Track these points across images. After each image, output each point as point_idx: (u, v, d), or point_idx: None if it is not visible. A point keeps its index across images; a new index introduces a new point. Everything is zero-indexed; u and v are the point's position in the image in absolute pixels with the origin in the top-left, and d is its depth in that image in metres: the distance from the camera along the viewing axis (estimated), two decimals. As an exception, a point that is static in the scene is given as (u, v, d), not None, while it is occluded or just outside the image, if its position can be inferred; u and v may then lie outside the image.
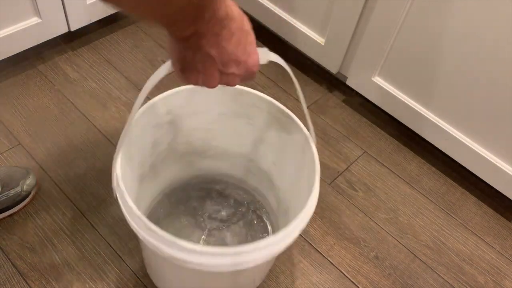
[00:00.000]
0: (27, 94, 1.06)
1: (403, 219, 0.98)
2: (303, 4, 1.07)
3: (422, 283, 0.90)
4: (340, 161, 1.06)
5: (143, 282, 0.82)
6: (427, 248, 0.95)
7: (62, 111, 1.04)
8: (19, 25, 0.98)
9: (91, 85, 1.10)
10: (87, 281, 0.81)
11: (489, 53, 0.83)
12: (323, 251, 0.91)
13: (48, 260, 0.83)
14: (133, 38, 1.22)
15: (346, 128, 1.12)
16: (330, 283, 0.87)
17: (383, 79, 1.03)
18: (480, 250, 0.96)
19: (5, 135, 0.98)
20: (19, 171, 0.87)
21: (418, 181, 1.05)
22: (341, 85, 1.17)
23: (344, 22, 1.01)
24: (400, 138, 1.12)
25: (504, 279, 0.92)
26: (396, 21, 0.91)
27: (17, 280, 0.80)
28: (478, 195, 1.05)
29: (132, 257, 0.85)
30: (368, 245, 0.93)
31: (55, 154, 0.97)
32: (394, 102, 1.03)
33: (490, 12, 0.79)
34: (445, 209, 1.01)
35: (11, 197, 0.85)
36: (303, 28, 1.11)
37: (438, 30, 0.87)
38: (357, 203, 0.99)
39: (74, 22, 1.08)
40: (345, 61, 1.09)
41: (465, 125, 0.95)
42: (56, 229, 0.87)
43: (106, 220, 0.89)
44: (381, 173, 1.05)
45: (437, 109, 0.98)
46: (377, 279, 0.89)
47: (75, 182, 0.93)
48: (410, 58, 0.95)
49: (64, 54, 1.15)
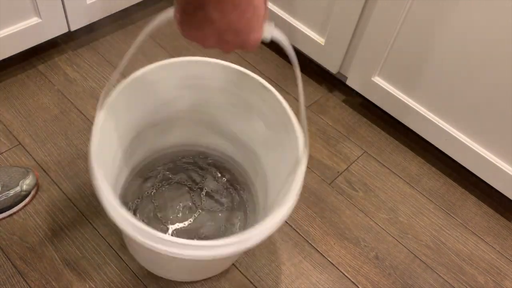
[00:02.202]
0: (27, 94, 1.06)
1: (403, 219, 0.98)
2: (303, 4, 1.07)
3: (422, 283, 0.90)
4: (340, 161, 1.06)
5: (143, 282, 0.82)
6: (427, 248, 0.95)
7: (62, 111, 1.04)
8: (19, 25, 0.98)
9: (91, 85, 1.10)
10: (87, 281, 0.81)
11: (489, 53, 0.83)
12: (323, 251, 0.91)
13: (48, 260, 0.83)
14: (133, 38, 1.21)
15: (346, 128, 1.12)
16: (330, 283, 0.87)
17: (383, 79, 1.03)
18: (480, 250, 0.96)
19: (5, 135, 0.98)
20: (19, 171, 0.87)
21: (418, 181, 1.05)
22: (341, 85, 1.17)
23: (344, 22, 1.01)
24: (400, 138, 1.12)
25: (504, 279, 0.92)
26: (396, 21, 0.91)
27: (17, 280, 0.80)
28: (478, 195, 1.05)
29: (132, 257, 0.85)
30: (368, 245, 0.93)
31: (55, 154, 0.97)
32: (394, 102, 1.03)
33: (491, 12, 0.79)
34: (445, 209, 1.01)
35: (11, 197, 0.85)
36: (303, 28, 1.11)
37: (438, 30, 0.87)
38: (357, 203, 0.99)
39: (74, 22, 1.08)
40: (345, 61, 1.09)
41: (465, 125, 0.95)
42: (56, 229, 0.87)
43: (106, 220, 0.89)
44: (381, 173, 1.05)
45: (437, 109, 0.98)
46: (377, 279, 0.89)
47: (75, 182, 0.93)
48: (410, 58, 0.95)
49: (64, 54, 1.15)
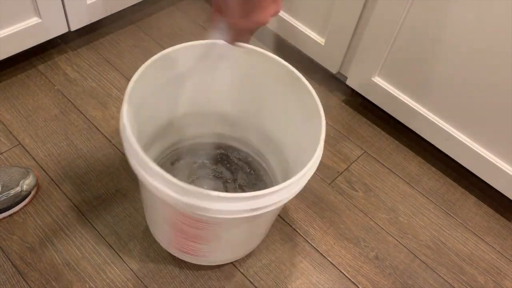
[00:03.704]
0: (27, 94, 1.06)
1: (403, 219, 0.98)
2: (303, 4, 1.07)
3: (422, 283, 0.90)
4: (340, 161, 1.06)
5: (143, 282, 0.82)
6: (427, 248, 0.95)
7: (62, 111, 1.04)
8: (19, 25, 0.98)
9: (91, 85, 1.10)
10: (87, 281, 0.81)
11: (489, 53, 0.83)
12: (323, 251, 0.91)
13: (48, 260, 0.83)
14: (133, 38, 1.22)
15: (346, 128, 1.12)
16: (330, 283, 0.87)
17: (383, 79, 1.03)
18: (480, 250, 0.96)
19: (5, 135, 0.98)
20: (19, 171, 0.87)
21: (418, 181, 1.05)
22: (341, 85, 1.17)
23: (344, 22, 1.01)
24: (400, 138, 1.12)
25: (504, 279, 0.92)
26: (396, 21, 0.91)
27: (17, 280, 0.80)
28: (478, 195, 1.05)
29: (132, 257, 0.85)
30: (368, 245, 0.93)
31: (55, 154, 0.97)
32: (394, 102, 1.03)
33: (490, 12, 0.79)
34: (445, 209, 1.01)
35: (11, 197, 0.85)
36: (303, 28, 1.11)
37: (438, 30, 0.87)
38: (357, 203, 0.99)
39: (74, 22, 1.08)
40: (345, 61, 1.09)
41: (465, 125, 0.95)
42: (56, 229, 0.87)
43: (106, 220, 0.89)
44: (381, 173, 1.05)
45: (437, 109, 0.98)
46: (377, 279, 0.89)
47: (75, 182, 0.93)
48: (410, 58, 0.95)
49: (64, 54, 1.15)
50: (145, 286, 0.82)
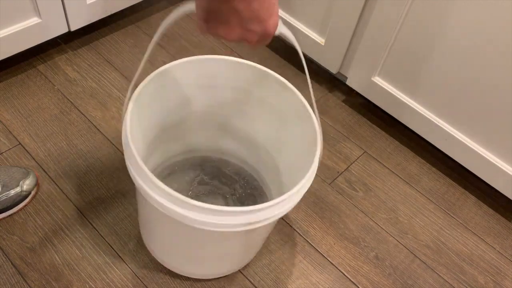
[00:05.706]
0: (27, 94, 1.06)
1: (403, 219, 0.98)
2: (303, 4, 1.07)
3: (422, 283, 0.90)
4: (340, 161, 1.06)
5: (143, 282, 0.82)
6: (427, 248, 0.95)
7: (62, 111, 1.04)
8: (19, 25, 0.98)
9: (91, 85, 1.10)
10: (87, 281, 0.81)
11: (489, 53, 0.83)
12: (323, 251, 0.91)
13: (48, 260, 0.83)
14: (133, 38, 1.22)
15: (346, 128, 1.12)
16: (330, 283, 0.87)
17: (383, 79, 1.03)
18: (480, 250, 0.96)
19: (5, 135, 0.98)
20: (19, 171, 0.87)
21: (418, 181, 1.05)
22: (341, 85, 1.17)
23: (344, 22, 1.01)
24: (400, 138, 1.12)
25: (504, 279, 0.92)
26: (396, 21, 0.91)
27: (17, 280, 0.80)
28: (478, 195, 1.05)
29: (132, 257, 0.85)
30: (368, 245, 0.93)
31: (55, 154, 0.97)
32: (394, 102, 1.03)
33: (490, 12, 0.79)
34: (445, 209, 1.01)
35: (11, 197, 0.85)
36: (303, 28, 1.11)
37: (438, 30, 0.87)
38: (357, 203, 0.99)
39: (74, 22, 1.08)
40: (345, 61, 1.09)
41: (465, 125, 0.95)
42: (56, 229, 0.87)
43: (106, 220, 0.89)
44: (381, 173, 1.05)
45: (437, 109, 0.98)
46: (377, 279, 0.89)
47: (75, 182, 0.93)
48: (410, 58, 0.95)
49: (64, 54, 1.15)
50: (145, 286, 0.82)
